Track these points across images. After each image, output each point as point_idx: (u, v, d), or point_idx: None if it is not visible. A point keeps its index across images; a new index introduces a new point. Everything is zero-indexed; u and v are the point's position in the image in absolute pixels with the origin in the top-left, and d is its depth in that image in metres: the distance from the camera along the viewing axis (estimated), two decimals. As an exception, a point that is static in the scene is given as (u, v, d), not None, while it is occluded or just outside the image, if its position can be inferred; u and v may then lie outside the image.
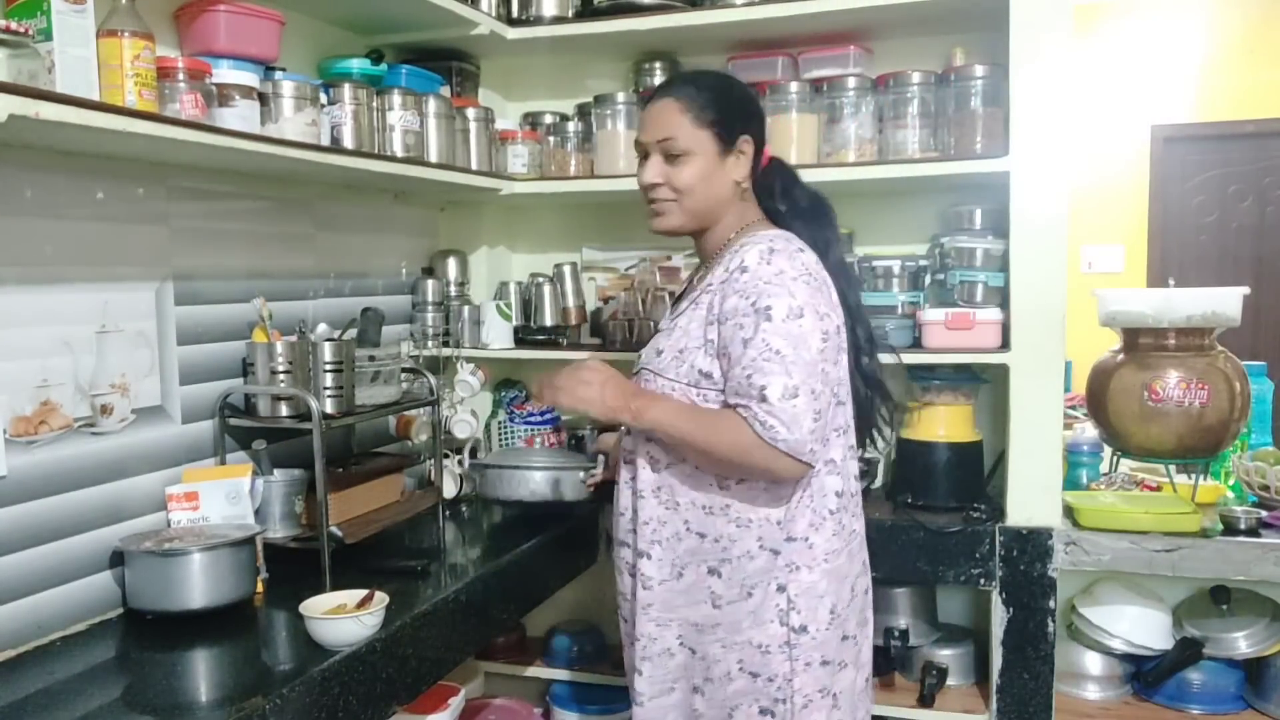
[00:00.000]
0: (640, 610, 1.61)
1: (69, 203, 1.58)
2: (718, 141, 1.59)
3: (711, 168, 1.59)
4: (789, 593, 1.53)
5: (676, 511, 1.58)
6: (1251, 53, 4.97)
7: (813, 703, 1.54)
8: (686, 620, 1.59)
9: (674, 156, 1.59)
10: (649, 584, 1.60)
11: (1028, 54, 2.05)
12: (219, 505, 1.72)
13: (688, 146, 1.57)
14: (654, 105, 1.61)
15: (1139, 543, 2.01)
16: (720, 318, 1.52)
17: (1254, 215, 5.11)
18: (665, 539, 1.59)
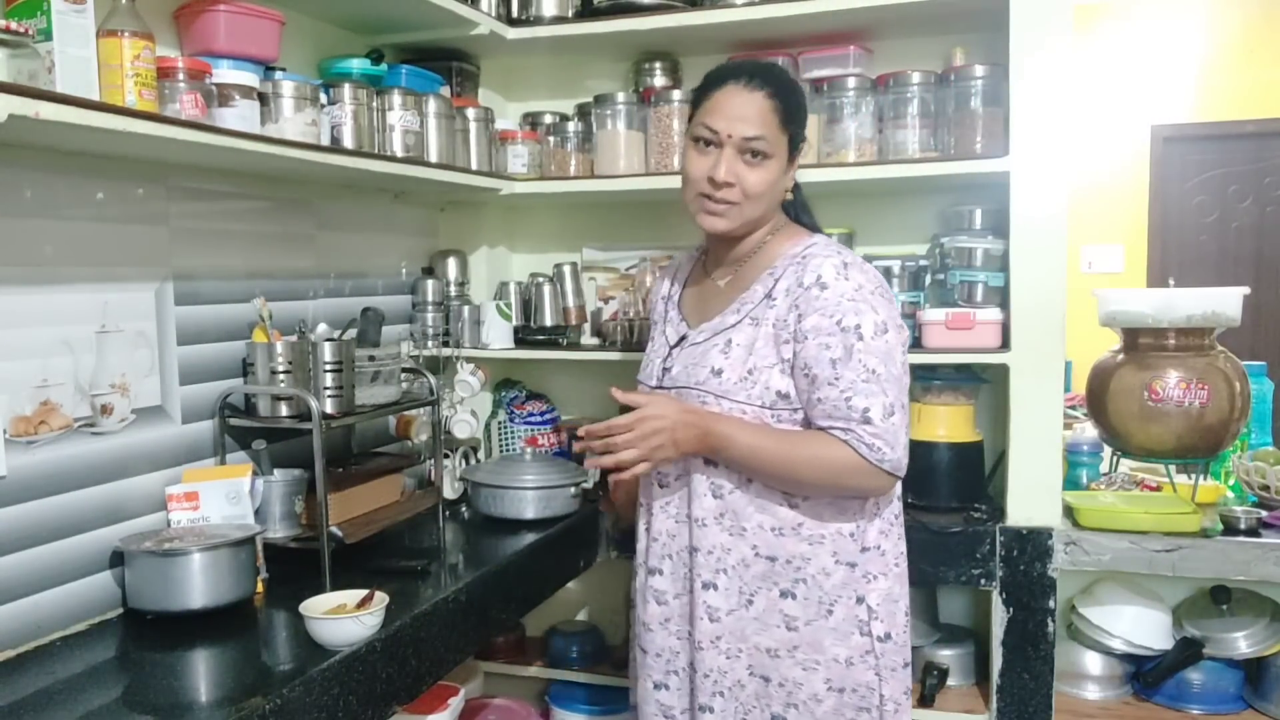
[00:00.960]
0: (707, 644, 1.53)
1: (69, 203, 1.58)
2: (789, 148, 1.53)
3: (779, 174, 1.53)
4: (869, 602, 1.51)
5: (743, 537, 1.51)
6: (1251, 53, 4.97)
7: (900, 706, 1.54)
8: (758, 648, 1.52)
9: (754, 156, 1.48)
10: (716, 615, 1.52)
11: (1028, 54, 2.05)
12: (219, 505, 1.72)
13: (771, 150, 1.49)
14: (744, 94, 1.47)
15: (1139, 543, 2.01)
16: (798, 336, 1.45)
17: (1254, 215, 5.12)
18: (731, 567, 1.52)
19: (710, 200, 1.50)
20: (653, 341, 1.69)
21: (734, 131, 1.47)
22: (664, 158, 2.39)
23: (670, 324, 1.66)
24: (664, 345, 1.64)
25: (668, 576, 1.58)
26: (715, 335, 1.53)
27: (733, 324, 1.52)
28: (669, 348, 1.62)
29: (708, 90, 1.52)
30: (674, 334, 1.62)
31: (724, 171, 1.47)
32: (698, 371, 1.52)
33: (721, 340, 1.52)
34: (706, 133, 1.48)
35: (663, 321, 1.69)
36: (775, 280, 1.52)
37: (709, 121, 1.48)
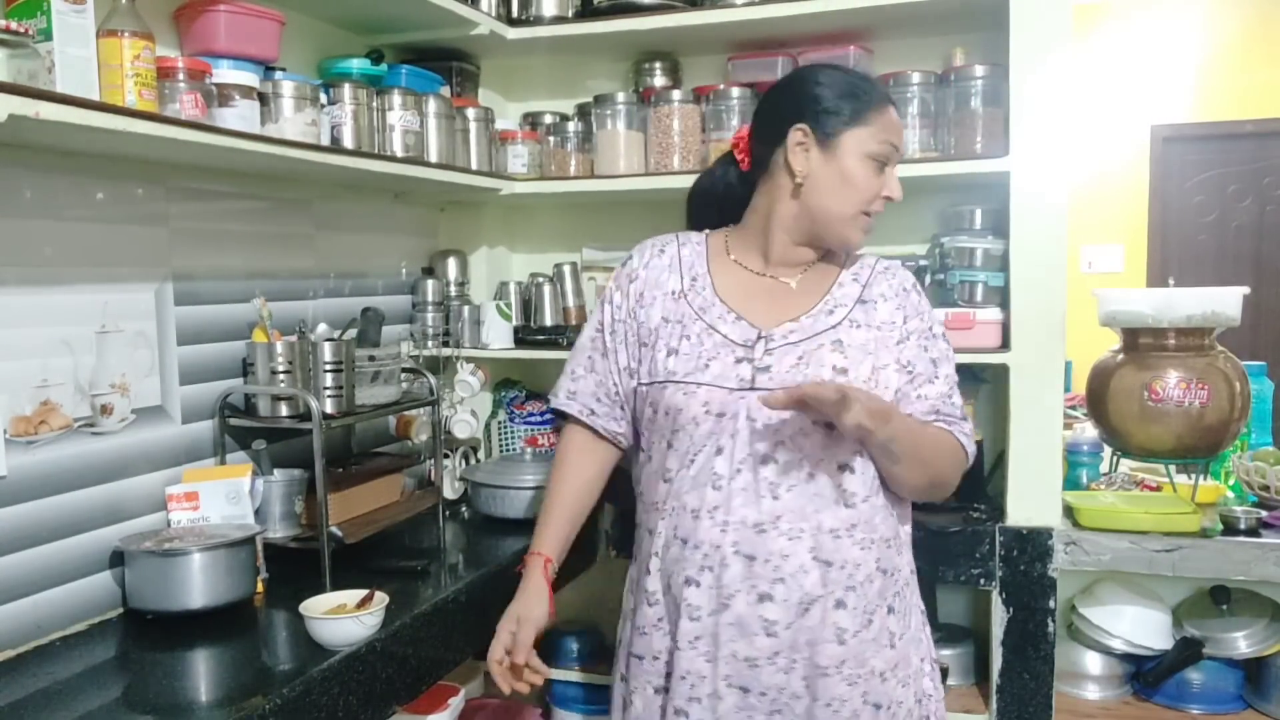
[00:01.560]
0: (832, 670, 1.42)
1: (69, 203, 1.58)
2: None
3: None
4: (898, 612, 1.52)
5: (870, 550, 1.46)
6: (1251, 53, 4.97)
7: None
8: (874, 672, 1.45)
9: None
10: (844, 638, 1.43)
11: (1028, 54, 2.05)
12: (219, 505, 1.72)
13: None
14: (895, 114, 1.52)
15: (1139, 543, 2.01)
16: (903, 336, 1.52)
17: (1253, 215, 5.12)
18: (859, 584, 1.44)
19: (870, 218, 1.53)
20: (689, 340, 1.52)
21: (902, 150, 1.54)
22: (664, 158, 2.39)
23: (721, 321, 1.52)
24: (725, 343, 1.50)
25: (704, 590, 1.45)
26: (816, 335, 1.49)
27: (833, 325, 1.50)
28: (740, 346, 1.49)
29: (871, 105, 1.49)
30: (738, 333, 1.50)
31: (900, 191, 1.52)
32: (818, 370, 1.45)
33: (827, 340, 1.48)
34: (891, 149, 1.50)
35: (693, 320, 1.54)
36: (862, 286, 1.56)
37: (893, 139, 1.50)
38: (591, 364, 1.66)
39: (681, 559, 1.47)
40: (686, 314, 1.54)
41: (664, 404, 1.50)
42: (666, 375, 1.51)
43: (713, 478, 1.45)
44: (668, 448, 1.51)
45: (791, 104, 1.52)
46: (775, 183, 1.53)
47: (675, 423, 1.49)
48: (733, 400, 1.46)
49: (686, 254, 1.61)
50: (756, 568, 1.42)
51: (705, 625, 1.45)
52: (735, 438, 1.44)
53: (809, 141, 1.49)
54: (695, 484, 1.47)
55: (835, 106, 1.48)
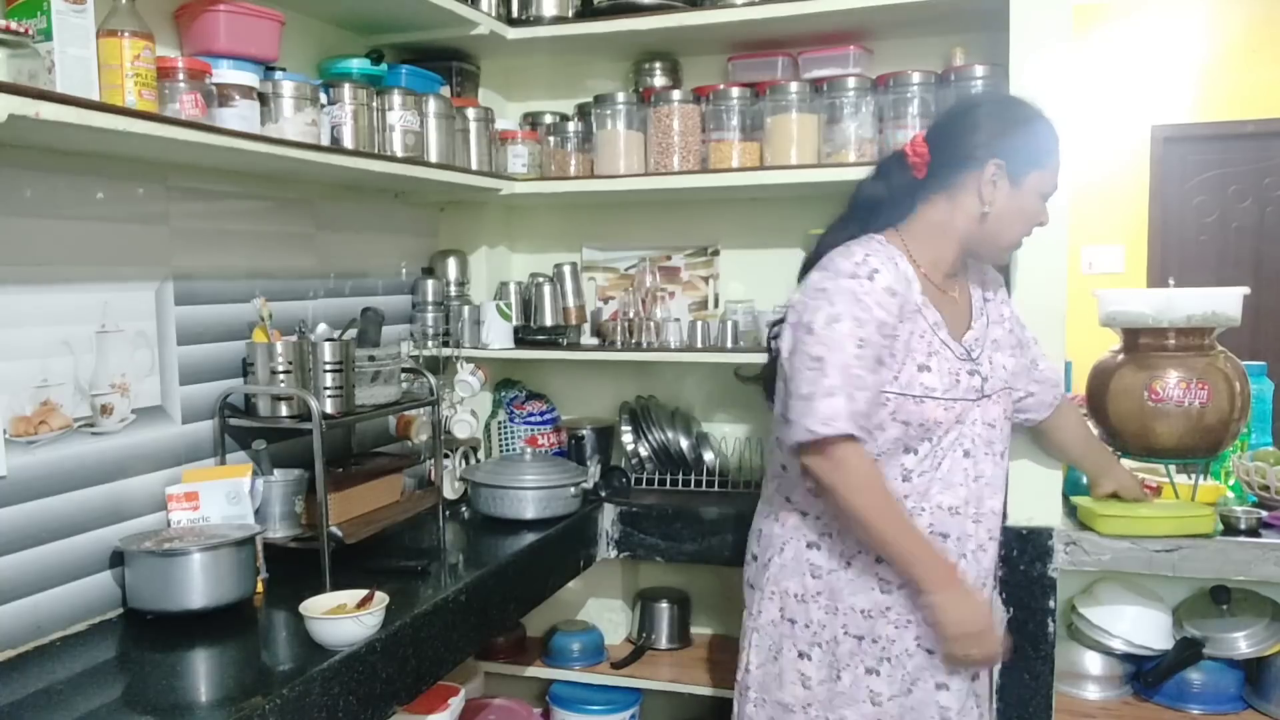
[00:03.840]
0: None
1: (69, 203, 1.58)
2: None
3: None
4: None
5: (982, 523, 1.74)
6: (1252, 52, 4.97)
7: None
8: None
9: None
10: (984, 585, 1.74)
11: (1028, 54, 2.05)
12: (219, 505, 1.72)
13: None
14: None
15: (1139, 543, 2.01)
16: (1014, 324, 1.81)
17: (1254, 215, 5.11)
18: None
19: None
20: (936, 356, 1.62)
21: None
22: (664, 158, 2.39)
23: (946, 335, 1.66)
24: (953, 358, 1.65)
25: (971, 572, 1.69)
26: (987, 342, 1.72)
27: (986, 328, 1.73)
28: (962, 360, 1.66)
29: (1054, 152, 1.67)
30: (957, 346, 1.66)
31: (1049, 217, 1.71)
32: (1001, 373, 1.72)
33: (989, 342, 1.71)
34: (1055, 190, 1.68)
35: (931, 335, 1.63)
36: (981, 289, 1.78)
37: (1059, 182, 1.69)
38: (862, 380, 1.56)
39: (942, 550, 1.64)
40: (926, 330, 1.64)
41: (921, 416, 1.61)
42: (924, 391, 1.61)
43: (964, 476, 1.66)
44: (905, 452, 1.63)
45: (990, 136, 1.62)
46: (958, 203, 1.64)
47: (926, 432, 1.62)
48: (971, 409, 1.65)
49: (906, 267, 1.64)
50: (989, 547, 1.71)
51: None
52: (975, 441, 1.65)
53: (1000, 175, 1.61)
54: (947, 484, 1.65)
55: (1029, 148, 1.63)
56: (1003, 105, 1.71)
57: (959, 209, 1.63)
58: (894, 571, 1.62)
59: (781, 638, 1.71)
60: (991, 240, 1.66)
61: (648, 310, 2.53)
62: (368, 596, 1.55)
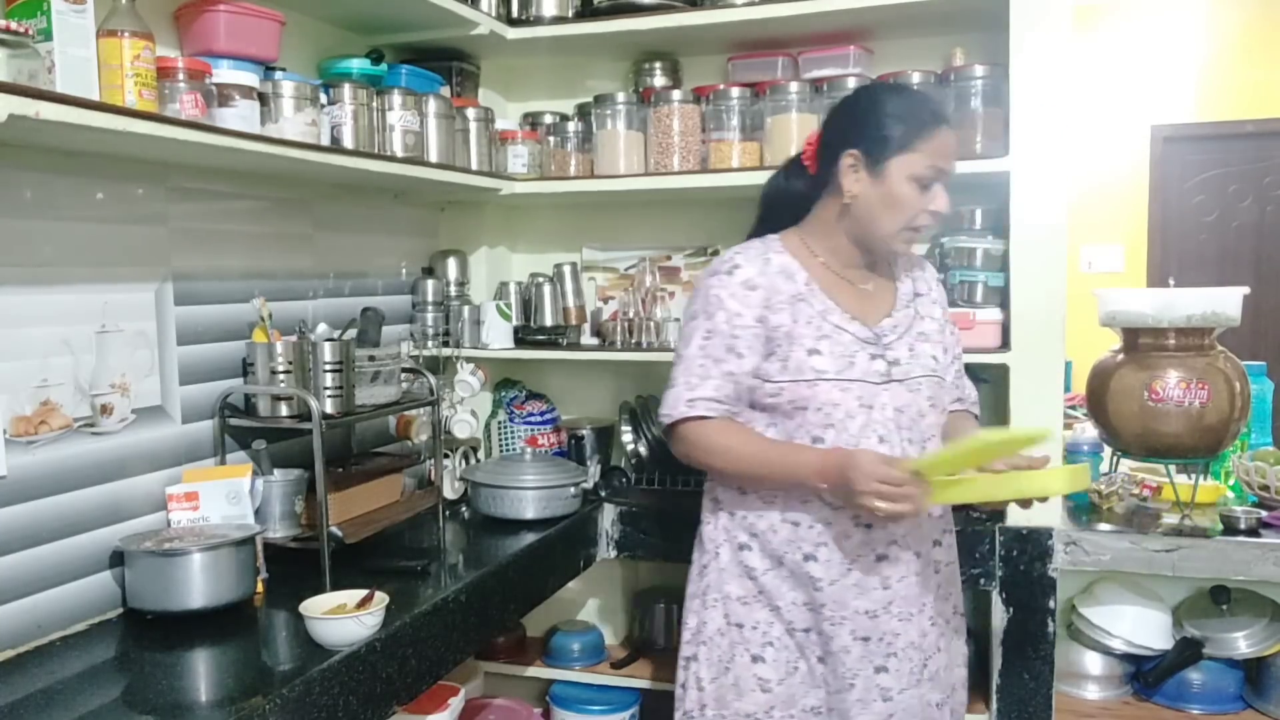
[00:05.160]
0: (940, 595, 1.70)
1: (69, 203, 1.58)
2: None
3: None
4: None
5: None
6: (1251, 52, 4.97)
7: None
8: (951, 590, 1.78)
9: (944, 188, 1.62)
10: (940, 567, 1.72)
11: (1028, 54, 2.05)
12: (219, 505, 1.72)
13: None
14: (952, 136, 1.60)
15: (1139, 543, 2.01)
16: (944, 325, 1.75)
17: (1254, 215, 5.11)
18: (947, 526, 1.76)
19: (918, 231, 1.62)
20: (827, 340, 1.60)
21: (950, 170, 1.61)
22: (664, 158, 2.39)
23: (844, 321, 1.63)
24: (851, 341, 1.62)
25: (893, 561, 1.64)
26: (910, 329, 1.68)
27: (914, 318, 1.70)
28: (869, 344, 1.62)
29: (923, 130, 1.57)
30: (860, 331, 1.63)
31: (947, 204, 1.61)
32: (925, 360, 1.67)
33: (916, 332, 1.68)
34: (935, 173, 1.58)
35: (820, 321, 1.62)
36: (913, 281, 1.75)
37: (940, 165, 1.58)
38: (706, 370, 1.63)
39: (869, 541, 1.61)
40: (813, 316, 1.63)
41: (816, 400, 1.59)
42: (816, 374, 1.59)
43: None
44: (814, 442, 1.60)
45: (847, 126, 1.63)
46: (835, 196, 1.64)
47: (829, 418, 1.59)
48: (878, 393, 1.60)
49: (784, 261, 1.66)
50: (917, 533, 1.64)
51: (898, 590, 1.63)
52: (888, 426, 1.60)
53: (859, 165, 1.59)
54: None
55: (886, 133, 1.58)
56: (862, 95, 1.71)
57: (836, 202, 1.64)
58: (825, 568, 1.60)
59: (732, 645, 1.68)
60: (867, 230, 1.62)
61: (648, 310, 2.53)
62: (368, 596, 1.55)
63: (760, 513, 1.66)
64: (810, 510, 1.62)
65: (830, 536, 1.61)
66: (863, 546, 1.61)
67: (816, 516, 1.61)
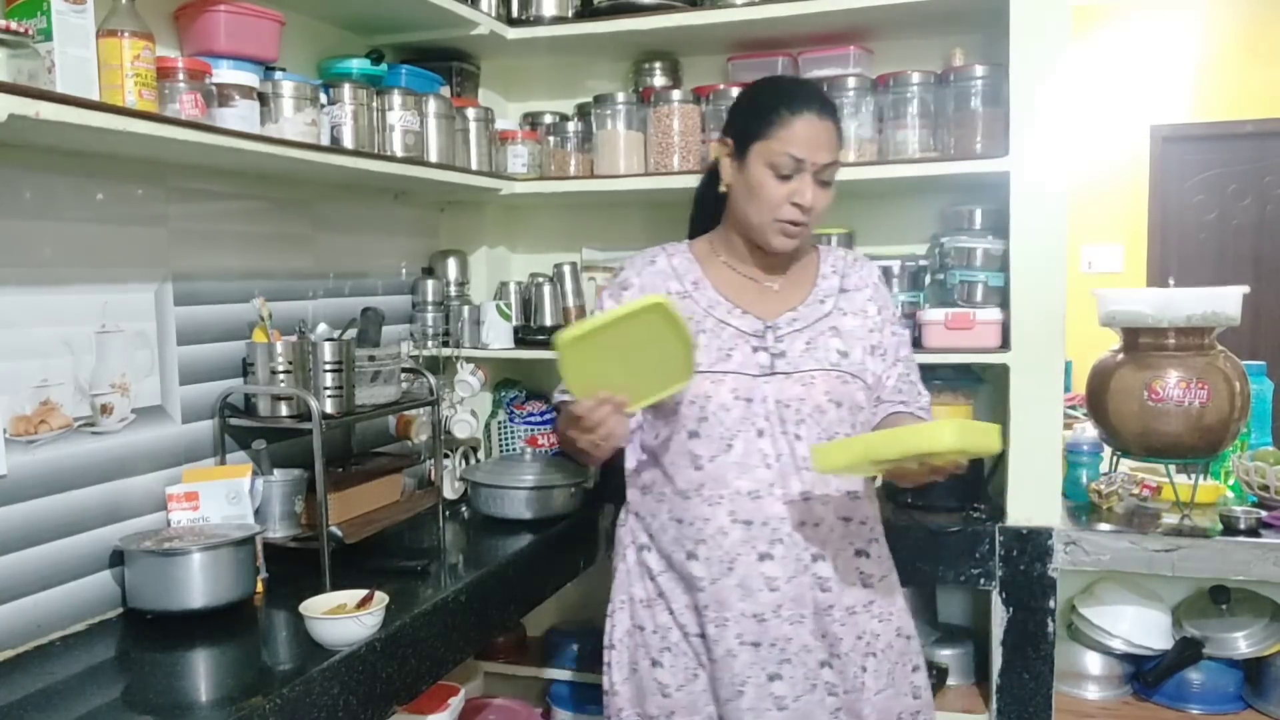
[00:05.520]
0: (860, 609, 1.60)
1: (69, 203, 1.58)
2: None
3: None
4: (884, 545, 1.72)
5: (874, 504, 1.69)
6: (1250, 52, 4.97)
7: None
8: (899, 608, 1.68)
9: (825, 183, 1.56)
10: (870, 581, 1.63)
11: (1028, 54, 2.05)
12: (219, 505, 1.72)
13: (836, 172, 1.58)
14: (819, 124, 1.54)
15: (1139, 543, 2.01)
16: (876, 325, 1.67)
17: (1253, 215, 5.12)
18: (873, 534, 1.67)
19: (790, 224, 1.56)
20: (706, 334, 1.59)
21: (817, 160, 1.53)
22: (664, 158, 2.39)
23: (730, 315, 1.61)
24: (739, 334, 1.59)
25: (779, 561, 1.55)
26: (815, 323, 1.62)
27: (826, 313, 1.64)
28: (753, 336, 1.59)
29: (779, 116, 1.53)
30: (748, 325, 1.60)
31: (810, 198, 1.54)
32: (826, 354, 1.60)
33: (825, 327, 1.62)
34: (790, 162, 1.52)
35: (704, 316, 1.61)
36: (841, 277, 1.69)
37: (794, 153, 1.52)
38: None
39: (749, 539, 1.56)
40: (695, 311, 1.62)
41: (689, 393, 1.56)
42: None
43: (762, 458, 1.55)
44: (690, 437, 1.58)
45: (728, 116, 1.65)
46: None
47: (703, 411, 1.56)
48: (758, 385, 1.56)
49: (678, 262, 1.68)
50: (807, 532, 1.56)
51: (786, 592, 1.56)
52: (769, 420, 1.55)
53: (731, 153, 1.60)
54: (743, 468, 1.56)
55: (746, 120, 1.58)
56: (748, 85, 1.70)
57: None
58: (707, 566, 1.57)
59: (636, 648, 1.66)
60: (742, 222, 1.60)
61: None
62: (368, 596, 1.55)
63: (654, 511, 1.65)
64: (690, 506, 1.58)
65: (708, 533, 1.56)
66: (742, 544, 1.55)
67: (695, 513, 1.57)
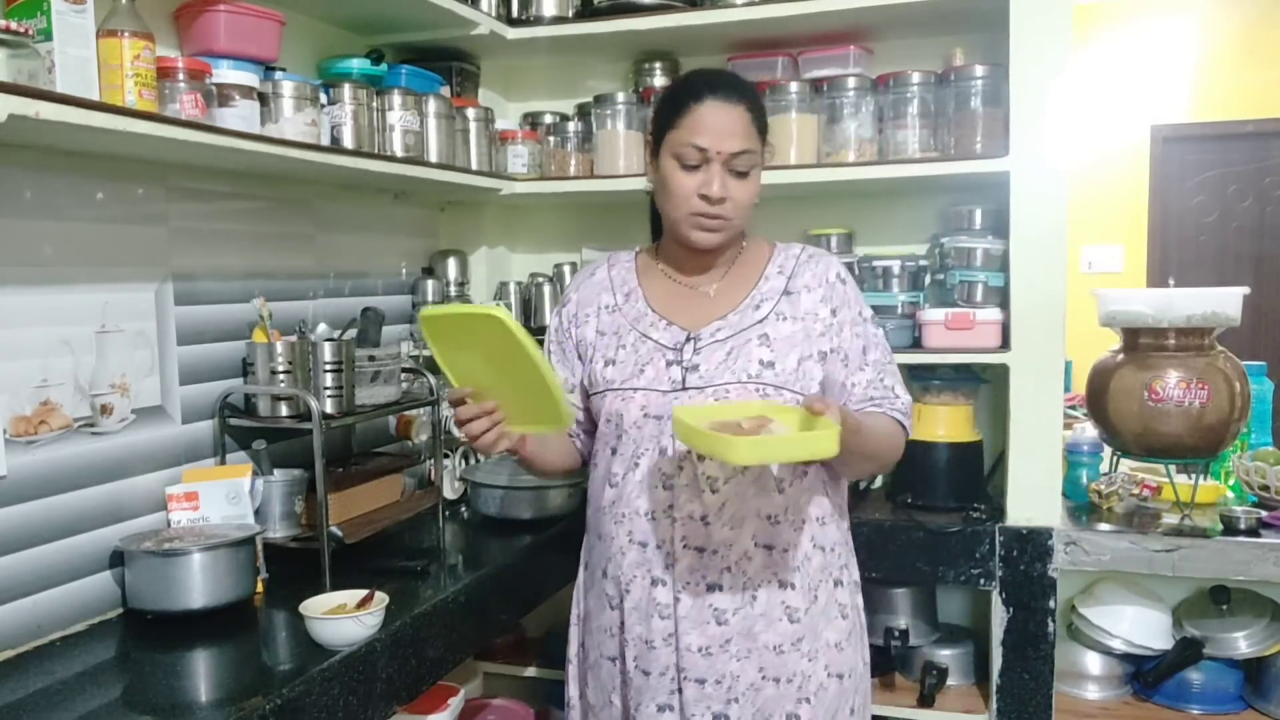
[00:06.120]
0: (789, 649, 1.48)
1: (69, 203, 1.58)
2: (764, 154, 1.53)
3: (759, 184, 1.52)
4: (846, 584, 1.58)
5: (804, 530, 1.51)
6: (1250, 53, 4.97)
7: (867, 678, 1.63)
8: (828, 644, 1.52)
9: (740, 173, 1.47)
10: (797, 616, 1.49)
11: (1028, 54, 2.05)
12: (219, 505, 1.72)
13: (755, 161, 1.49)
14: (726, 109, 1.45)
15: (1139, 543, 2.01)
16: (828, 327, 1.53)
17: (1254, 215, 5.12)
18: (800, 563, 1.50)
19: (705, 218, 1.48)
20: (625, 349, 1.55)
21: (723, 148, 1.45)
22: (664, 158, 2.39)
23: (653, 329, 1.54)
24: (656, 348, 1.52)
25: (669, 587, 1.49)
26: (742, 331, 1.51)
27: (759, 320, 1.52)
28: (670, 349, 1.51)
29: (683, 105, 1.47)
30: (669, 337, 1.52)
31: (718, 188, 1.45)
32: (746, 366, 1.48)
33: (754, 335, 1.50)
34: (694, 152, 1.45)
35: (628, 330, 1.56)
36: (788, 278, 1.56)
37: (696, 141, 1.45)
38: None
39: (644, 561, 1.51)
40: (621, 325, 1.59)
41: (605, 411, 1.55)
42: (605, 384, 1.56)
43: (661, 478, 1.49)
44: (612, 454, 1.55)
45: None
46: None
47: (619, 429, 1.53)
48: (667, 402, 1.49)
49: (617, 273, 1.66)
50: (705, 559, 1.47)
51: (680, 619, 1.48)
52: (674, 437, 1.45)
53: (649, 150, 1.56)
54: (644, 487, 1.51)
55: (658, 114, 1.53)
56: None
57: None
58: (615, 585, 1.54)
59: (583, 671, 1.64)
60: (666, 220, 1.54)
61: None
62: (368, 596, 1.55)
63: (590, 526, 1.64)
64: (604, 523, 1.55)
65: (612, 552, 1.53)
66: (638, 567, 1.50)
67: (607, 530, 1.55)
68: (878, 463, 1.58)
